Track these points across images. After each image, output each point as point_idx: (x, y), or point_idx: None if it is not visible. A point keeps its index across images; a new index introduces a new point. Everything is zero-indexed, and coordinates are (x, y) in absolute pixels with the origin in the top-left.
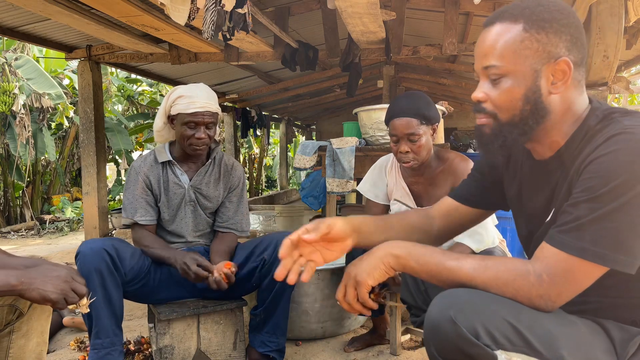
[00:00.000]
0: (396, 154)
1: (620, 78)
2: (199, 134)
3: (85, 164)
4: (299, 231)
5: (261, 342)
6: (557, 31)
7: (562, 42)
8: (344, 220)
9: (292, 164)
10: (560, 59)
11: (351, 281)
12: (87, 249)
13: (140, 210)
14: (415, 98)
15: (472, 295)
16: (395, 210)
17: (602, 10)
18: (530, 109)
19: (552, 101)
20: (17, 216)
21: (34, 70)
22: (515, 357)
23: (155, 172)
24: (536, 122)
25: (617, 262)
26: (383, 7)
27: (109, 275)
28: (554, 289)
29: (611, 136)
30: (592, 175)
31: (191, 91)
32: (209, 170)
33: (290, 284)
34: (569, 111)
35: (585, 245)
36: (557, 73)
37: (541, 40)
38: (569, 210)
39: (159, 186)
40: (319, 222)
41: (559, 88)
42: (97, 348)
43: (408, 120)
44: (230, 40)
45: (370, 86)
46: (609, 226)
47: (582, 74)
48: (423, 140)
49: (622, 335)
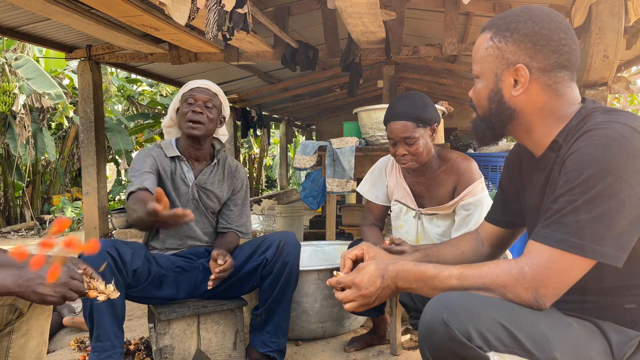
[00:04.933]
0: (394, 156)
1: (620, 78)
2: (196, 109)
3: (85, 164)
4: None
5: (262, 342)
6: (517, 40)
7: (522, 50)
8: (378, 251)
9: (292, 164)
10: (517, 65)
11: (360, 301)
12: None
13: (149, 180)
14: (411, 100)
15: (465, 298)
16: (396, 211)
17: (602, 10)
18: (496, 108)
19: (517, 102)
20: (17, 216)
21: (34, 70)
22: (507, 358)
23: (165, 162)
24: (502, 119)
25: (597, 254)
26: (383, 7)
27: (111, 277)
28: (538, 280)
29: (584, 132)
30: (567, 171)
31: (202, 82)
32: (214, 170)
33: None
34: (543, 112)
35: (564, 236)
36: (519, 78)
37: (501, 48)
38: (550, 206)
39: (166, 175)
40: (357, 268)
41: (519, 91)
42: (97, 351)
43: (404, 124)
44: (230, 40)
45: (370, 86)
46: (585, 217)
47: (556, 77)
48: (420, 142)
49: (620, 337)
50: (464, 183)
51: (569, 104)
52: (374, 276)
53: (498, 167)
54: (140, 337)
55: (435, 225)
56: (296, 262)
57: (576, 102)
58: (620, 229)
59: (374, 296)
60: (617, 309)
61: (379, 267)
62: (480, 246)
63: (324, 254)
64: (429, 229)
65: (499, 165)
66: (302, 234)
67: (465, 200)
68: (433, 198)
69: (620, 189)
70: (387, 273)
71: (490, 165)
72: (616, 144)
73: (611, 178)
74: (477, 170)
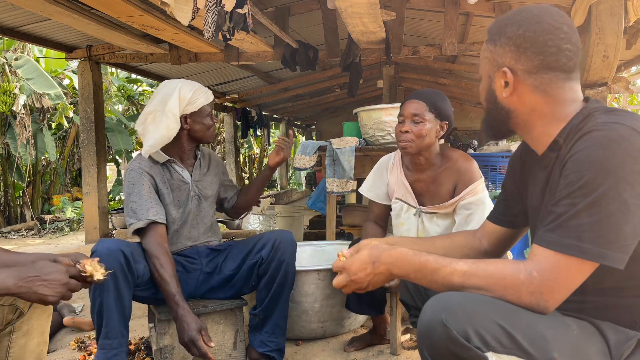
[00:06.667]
0: (397, 134)
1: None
2: (215, 119)
3: (85, 164)
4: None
5: (261, 342)
6: (503, 43)
7: (507, 53)
8: (380, 240)
9: (292, 164)
10: (503, 68)
11: (352, 286)
12: (103, 248)
13: (154, 209)
14: (433, 91)
15: (464, 298)
16: (397, 209)
17: (602, 10)
18: (493, 108)
19: (510, 103)
20: (18, 216)
21: (34, 70)
22: (506, 359)
23: (158, 172)
24: (499, 118)
25: (602, 257)
26: (383, 7)
27: (122, 276)
28: (545, 285)
29: (584, 134)
30: (568, 173)
31: (192, 84)
32: (202, 164)
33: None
34: (535, 112)
35: (568, 241)
36: (507, 80)
37: (492, 51)
38: (552, 209)
39: (165, 185)
40: (356, 246)
41: (507, 92)
42: (105, 348)
43: (418, 103)
44: (231, 40)
45: (370, 86)
46: (587, 221)
47: (542, 79)
48: (427, 126)
49: (618, 337)
50: (464, 182)
51: (563, 104)
52: (364, 262)
53: (498, 167)
54: (141, 337)
55: (435, 224)
56: (292, 261)
57: (574, 102)
58: (623, 231)
59: (365, 282)
60: (616, 309)
61: (371, 253)
62: (476, 242)
63: (324, 254)
64: (429, 227)
65: (499, 165)
66: (302, 234)
67: (466, 199)
68: (433, 196)
69: (622, 190)
70: (379, 259)
71: (490, 165)
72: (616, 145)
73: (612, 180)
74: (478, 170)
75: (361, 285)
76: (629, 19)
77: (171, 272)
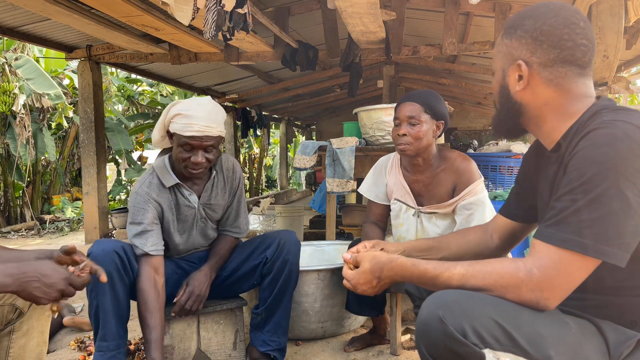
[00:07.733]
0: (394, 137)
1: (620, 78)
2: (196, 158)
3: (85, 164)
4: (359, 246)
5: (262, 341)
6: (519, 36)
7: (523, 45)
8: (390, 244)
9: (292, 164)
10: (518, 61)
11: (359, 293)
12: (98, 250)
13: (153, 238)
14: (426, 92)
15: (462, 295)
16: (395, 209)
17: (602, 10)
18: (505, 102)
19: (522, 97)
20: (17, 216)
21: (34, 70)
22: (503, 356)
23: (166, 198)
24: (512, 113)
25: (602, 253)
26: (383, 7)
27: (118, 277)
28: (545, 282)
29: (590, 131)
30: (571, 169)
31: (191, 110)
32: (215, 183)
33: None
34: (548, 107)
35: (569, 236)
36: (522, 73)
37: (508, 45)
38: (553, 205)
39: (171, 212)
40: (356, 252)
41: (521, 86)
42: (102, 350)
43: (413, 105)
44: (231, 40)
45: (370, 86)
46: (588, 217)
47: (557, 72)
48: (423, 128)
49: (617, 336)
50: (463, 183)
51: (576, 100)
52: (369, 279)
53: (498, 167)
54: (140, 337)
55: (434, 225)
56: (296, 261)
57: (586, 98)
58: (624, 229)
59: (372, 293)
60: (616, 309)
61: (373, 269)
62: (488, 239)
63: (324, 254)
64: (428, 227)
65: (499, 165)
66: (302, 234)
67: (466, 200)
68: (432, 197)
69: (625, 188)
70: (383, 273)
71: (490, 165)
72: (619, 142)
73: (614, 177)
74: (477, 170)
75: (369, 292)
76: (629, 19)
77: (159, 319)
